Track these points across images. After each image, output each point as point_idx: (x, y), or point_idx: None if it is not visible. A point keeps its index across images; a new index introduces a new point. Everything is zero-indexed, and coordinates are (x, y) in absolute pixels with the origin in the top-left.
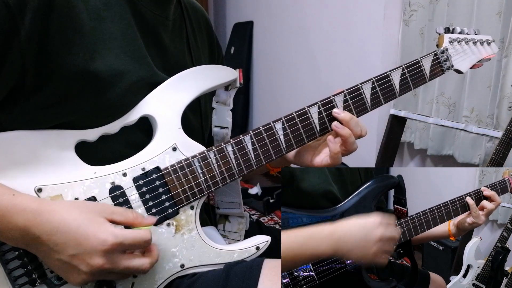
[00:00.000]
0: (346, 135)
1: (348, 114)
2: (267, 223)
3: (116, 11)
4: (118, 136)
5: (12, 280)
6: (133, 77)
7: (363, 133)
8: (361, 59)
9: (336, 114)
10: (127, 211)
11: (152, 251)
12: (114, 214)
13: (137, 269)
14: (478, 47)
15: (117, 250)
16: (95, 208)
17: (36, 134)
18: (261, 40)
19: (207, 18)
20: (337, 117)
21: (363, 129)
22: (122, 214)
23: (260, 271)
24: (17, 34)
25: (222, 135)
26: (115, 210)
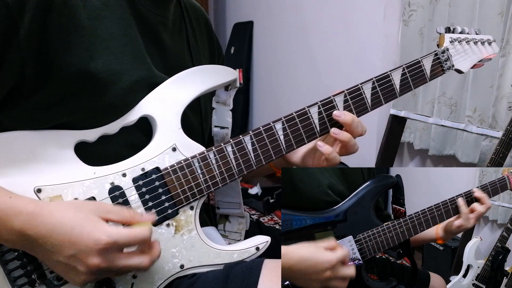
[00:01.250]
0: (346, 139)
1: (349, 115)
2: (267, 223)
3: (116, 10)
4: (117, 137)
5: (12, 281)
6: (133, 77)
7: (363, 132)
8: (361, 59)
9: (337, 117)
10: (123, 210)
11: (153, 248)
12: (110, 213)
13: (136, 266)
14: (479, 47)
15: (113, 249)
16: (90, 207)
17: (35, 134)
18: (261, 40)
19: (207, 18)
20: (338, 120)
21: (363, 128)
22: (118, 213)
23: (260, 271)
24: (16, 34)
25: (222, 135)
26: (111, 208)
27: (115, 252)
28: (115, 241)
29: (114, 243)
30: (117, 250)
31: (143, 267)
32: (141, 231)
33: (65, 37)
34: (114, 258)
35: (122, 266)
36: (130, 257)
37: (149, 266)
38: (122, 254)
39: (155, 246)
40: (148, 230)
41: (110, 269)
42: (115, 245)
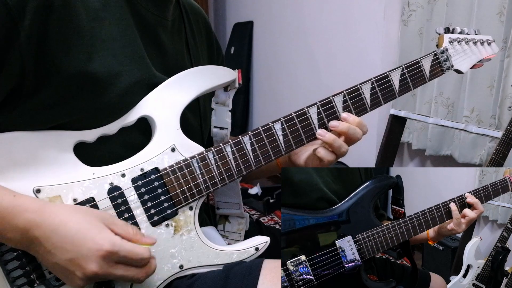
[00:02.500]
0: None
1: (344, 125)
2: (267, 223)
3: (115, 12)
4: (116, 137)
5: (11, 281)
6: (132, 77)
7: (363, 134)
8: (361, 59)
9: (334, 127)
10: (127, 226)
11: (150, 264)
12: (114, 225)
13: (131, 278)
14: (478, 47)
15: (112, 259)
16: (97, 214)
17: (34, 134)
18: (261, 40)
19: (206, 19)
20: (335, 130)
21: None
22: (123, 228)
23: (259, 272)
24: (16, 36)
25: (221, 135)
26: (117, 222)
27: (113, 262)
28: (117, 251)
29: (115, 252)
30: (116, 260)
31: (138, 279)
32: (142, 250)
33: (64, 39)
34: (112, 267)
35: (118, 275)
36: (127, 268)
37: (143, 280)
38: (119, 265)
39: (152, 262)
40: (148, 251)
41: (106, 277)
42: (115, 255)
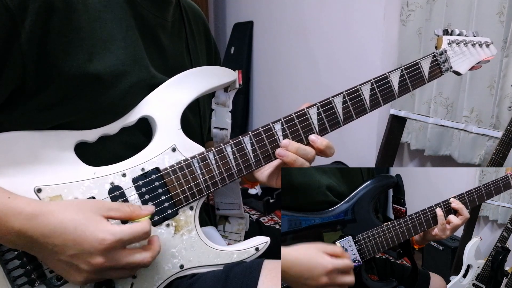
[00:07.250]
0: (291, 161)
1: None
2: (267, 223)
3: (116, 12)
4: (117, 137)
5: (11, 280)
6: (133, 78)
7: (331, 155)
8: (361, 59)
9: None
10: (123, 205)
11: (153, 244)
12: (111, 211)
13: (139, 263)
14: (477, 49)
15: (117, 247)
16: (91, 206)
17: (36, 134)
18: (261, 40)
19: (205, 21)
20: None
21: (331, 152)
22: (119, 209)
23: (259, 272)
24: (18, 37)
25: (221, 136)
26: (112, 206)
27: (118, 250)
28: (119, 239)
29: (118, 241)
30: (121, 248)
31: (146, 263)
32: (142, 226)
33: (66, 40)
34: (118, 256)
35: (125, 263)
36: (133, 254)
37: (151, 262)
38: (125, 251)
39: (155, 241)
40: (147, 223)
41: (113, 267)
42: (119, 243)
